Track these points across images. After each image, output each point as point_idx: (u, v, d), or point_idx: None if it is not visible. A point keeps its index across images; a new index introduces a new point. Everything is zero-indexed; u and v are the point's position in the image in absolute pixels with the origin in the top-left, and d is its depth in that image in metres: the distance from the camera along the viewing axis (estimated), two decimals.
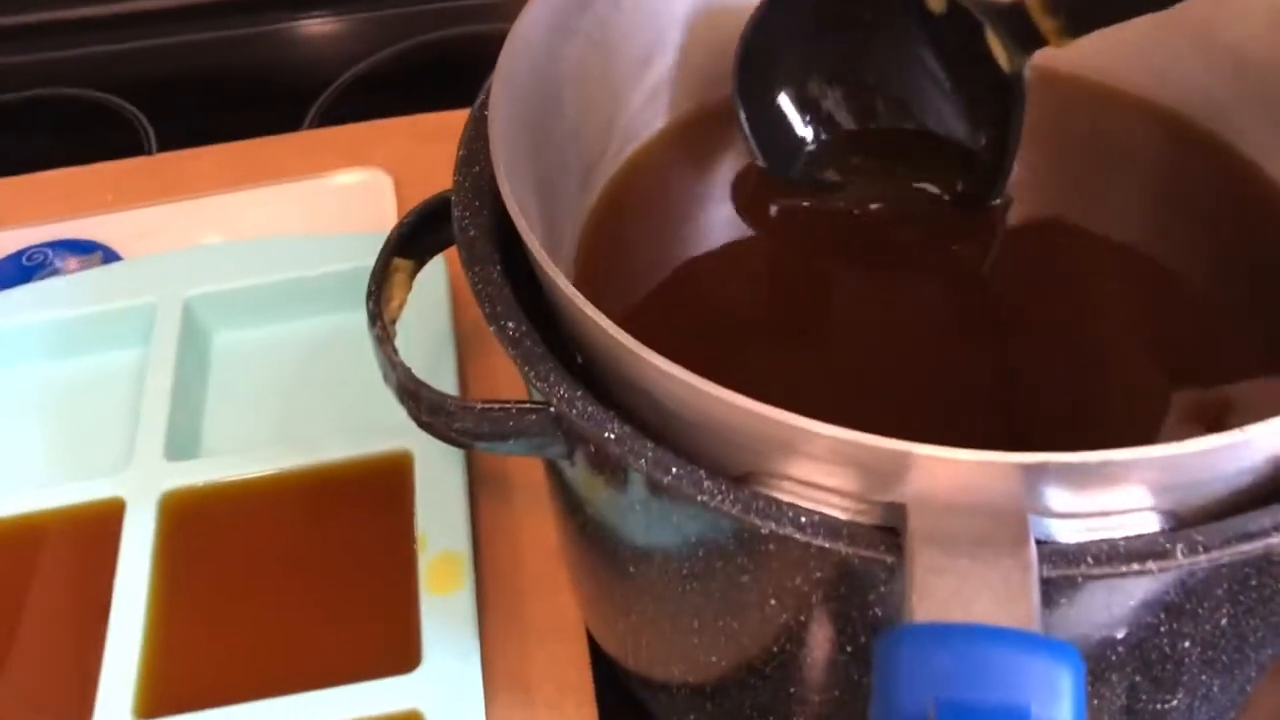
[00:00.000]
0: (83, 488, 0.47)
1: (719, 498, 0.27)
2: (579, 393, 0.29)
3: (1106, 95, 0.42)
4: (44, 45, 0.77)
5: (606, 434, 0.28)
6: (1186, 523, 0.26)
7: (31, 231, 0.63)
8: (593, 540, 0.37)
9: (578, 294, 0.29)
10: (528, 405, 0.32)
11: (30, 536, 0.47)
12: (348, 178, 0.64)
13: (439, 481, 0.46)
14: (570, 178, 0.39)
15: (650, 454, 0.28)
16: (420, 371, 0.49)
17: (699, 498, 0.27)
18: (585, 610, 0.43)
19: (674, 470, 0.28)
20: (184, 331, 0.53)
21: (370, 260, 0.54)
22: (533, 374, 0.30)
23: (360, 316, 0.53)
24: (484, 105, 0.38)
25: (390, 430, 0.48)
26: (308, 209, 0.63)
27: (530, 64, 0.37)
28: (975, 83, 0.38)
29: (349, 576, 0.44)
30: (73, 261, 0.61)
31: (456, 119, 0.65)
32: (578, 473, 0.34)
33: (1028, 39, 0.36)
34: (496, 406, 0.33)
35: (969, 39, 0.37)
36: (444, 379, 0.49)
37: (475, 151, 0.37)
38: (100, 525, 0.46)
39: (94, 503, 0.47)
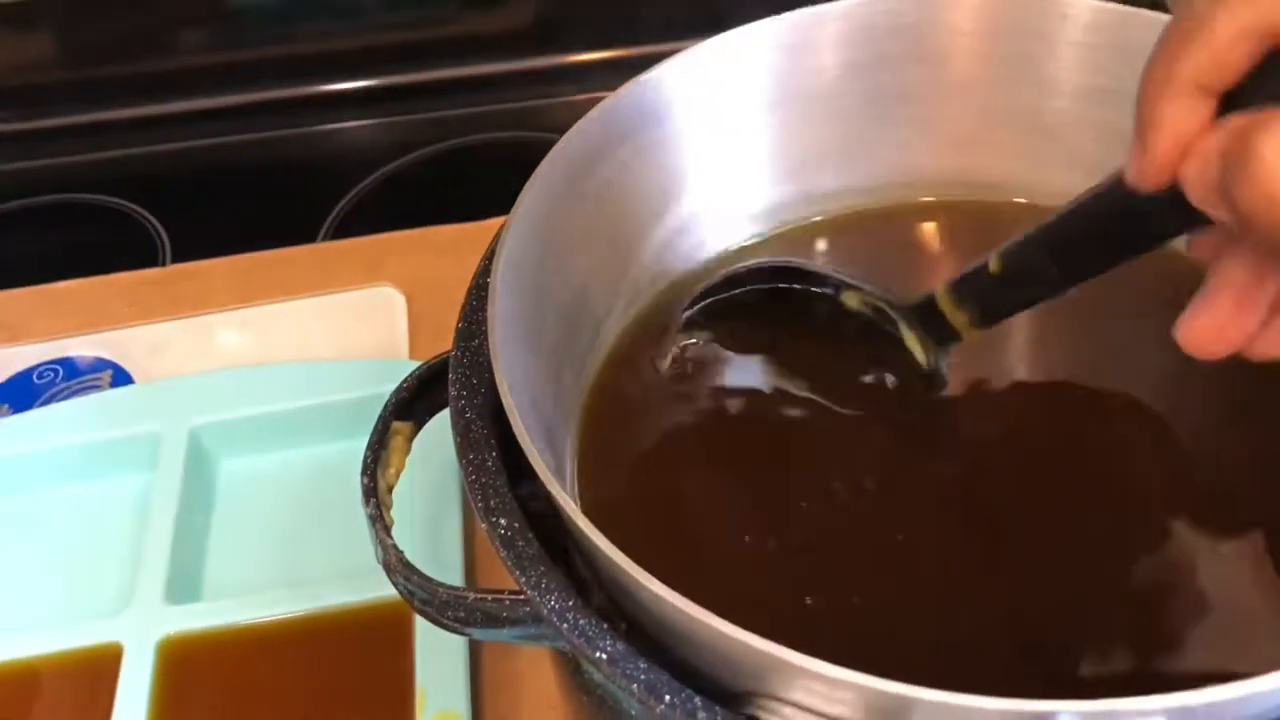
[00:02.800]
0: (81, 632, 0.47)
1: None
2: (570, 603, 0.29)
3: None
4: (56, 150, 0.78)
5: (598, 654, 0.28)
6: None
7: (44, 347, 0.63)
8: None
9: (587, 522, 0.28)
10: (524, 597, 0.32)
11: (27, 682, 0.46)
12: (360, 294, 0.64)
13: (440, 635, 0.45)
14: (576, 344, 0.39)
15: (643, 678, 0.27)
16: (425, 523, 0.49)
17: None
18: None
19: (667, 698, 0.27)
20: (190, 460, 0.52)
21: (378, 387, 0.54)
22: (524, 580, 0.29)
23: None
24: (485, 273, 0.37)
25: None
26: (320, 326, 0.62)
27: (536, 234, 0.37)
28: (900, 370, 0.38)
29: None
30: (83, 381, 0.61)
31: (470, 232, 0.66)
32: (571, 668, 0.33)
33: (941, 334, 0.36)
34: (490, 597, 0.32)
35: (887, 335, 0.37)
36: (448, 531, 0.48)
37: (475, 325, 0.36)
38: (98, 670, 0.46)
39: (92, 648, 0.46)
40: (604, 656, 0.27)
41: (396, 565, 0.34)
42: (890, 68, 0.41)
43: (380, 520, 0.35)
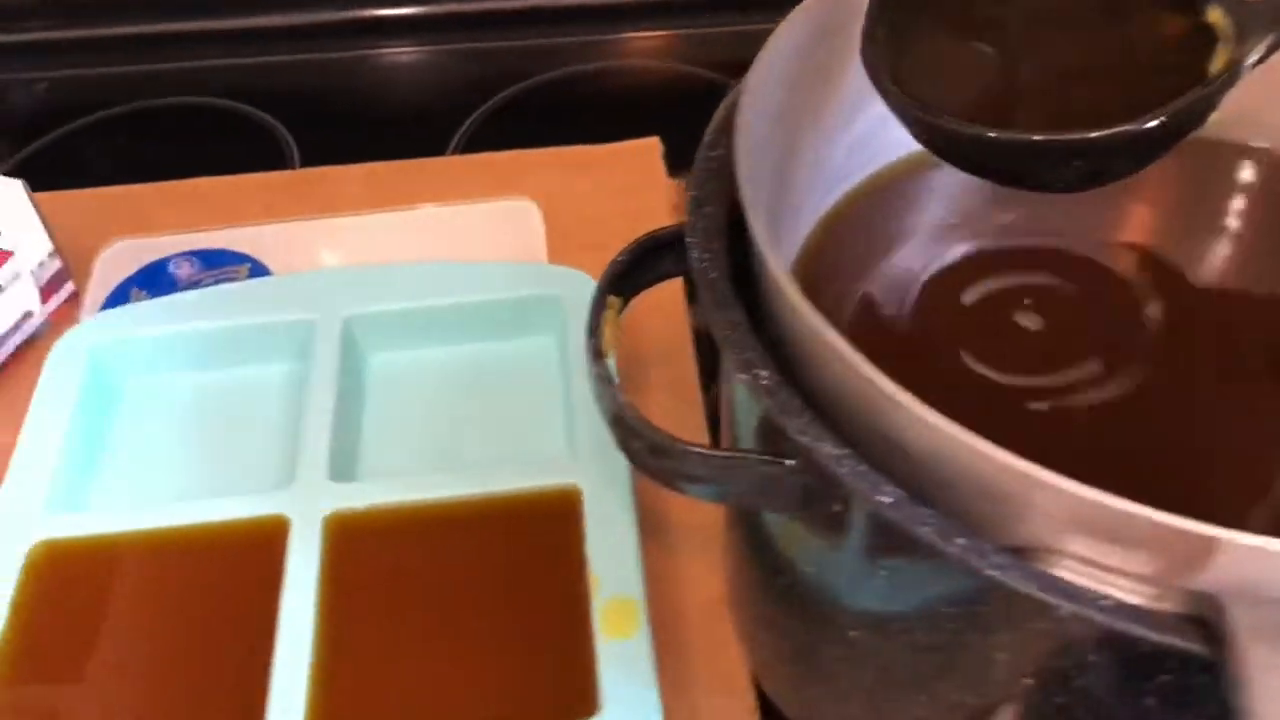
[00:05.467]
0: (245, 503, 0.47)
1: (1010, 573, 0.26)
2: (847, 451, 0.28)
3: None
4: (189, 55, 0.78)
5: (880, 497, 0.28)
6: None
7: (177, 239, 0.63)
8: (801, 601, 0.36)
9: (856, 354, 0.28)
10: (766, 457, 0.32)
11: (192, 548, 0.46)
12: (496, 205, 0.64)
13: (610, 522, 0.45)
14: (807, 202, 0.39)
15: (933, 522, 0.27)
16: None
17: (986, 571, 0.26)
18: (766, 669, 0.42)
19: (960, 541, 0.27)
20: (343, 351, 0.52)
21: (529, 289, 0.54)
22: (795, 428, 0.29)
23: (517, 345, 0.54)
24: (712, 146, 0.37)
25: (557, 464, 0.48)
26: (455, 234, 0.62)
27: (775, 86, 0.36)
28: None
29: (519, 613, 0.44)
30: (220, 272, 0.60)
31: (601, 154, 0.66)
32: (801, 529, 0.33)
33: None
34: (734, 455, 0.32)
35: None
36: None
37: (709, 193, 0.36)
38: (263, 543, 0.46)
39: (257, 519, 0.46)
40: (889, 500, 0.27)
41: (632, 420, 0.34)
42: None
43: (609, 381, 0.35)
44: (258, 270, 0.60)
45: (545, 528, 0.46)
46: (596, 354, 0.36)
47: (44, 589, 0.45)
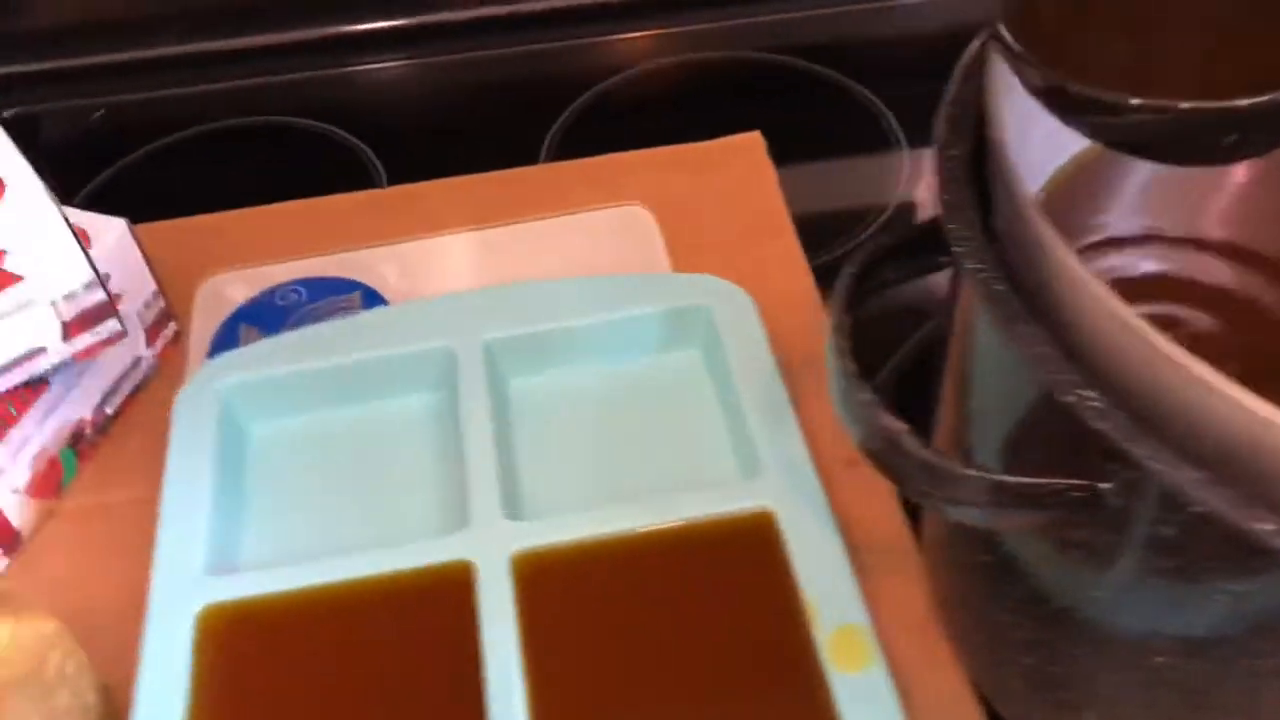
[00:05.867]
0: (421, 550, 0.44)
1: None
2: (1204, 475, 0.26)
3: None
4: (244, 73, 0.74)
5: (1259, 525, 0.26)
6: None
7: (275, 269, 0.60)
8: (1080, 625, 0.34)
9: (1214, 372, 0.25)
10: (1076, 481, 0.30)
11: (371, 600, 0.44)
12: (606, 213, 0.61)
13: (814, 545, 0.43)
14: None
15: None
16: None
17: None
18: (1006, 694, 0.40)
19: None
20: (489, 377, 0.50)
21: (677, 301, 0.52)
22: (1144, 454, 0.27)
23: (662, 360, 0.52)
24: (947, 145, 0.35)
25: (740, 488, 0.46)
26: (569, 246, 0.60)
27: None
28: None
29: (736, 647, 0.42)
30: (331, 302, 0.58)
31: (702, 151, 0.64)
32: (1104, 548, 0.31)
33: None
34: (1035, 482, 0.30)
35: None
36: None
37: (959, 199, 0.33)
38: (448, 589, 0.43)
39: (439, 566, 0.44)
40: (1272, 527, 0.25)
41: (910, 445, 0.31)
42: None
43: (873, 402, 0.33)
44: (371, 297, 0.58)
45: (744, 555, 0.44)
46: (855, 376, 0.34)
47: (223, 657, 0.42)
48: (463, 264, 0.59)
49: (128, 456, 0.53)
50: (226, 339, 0.57)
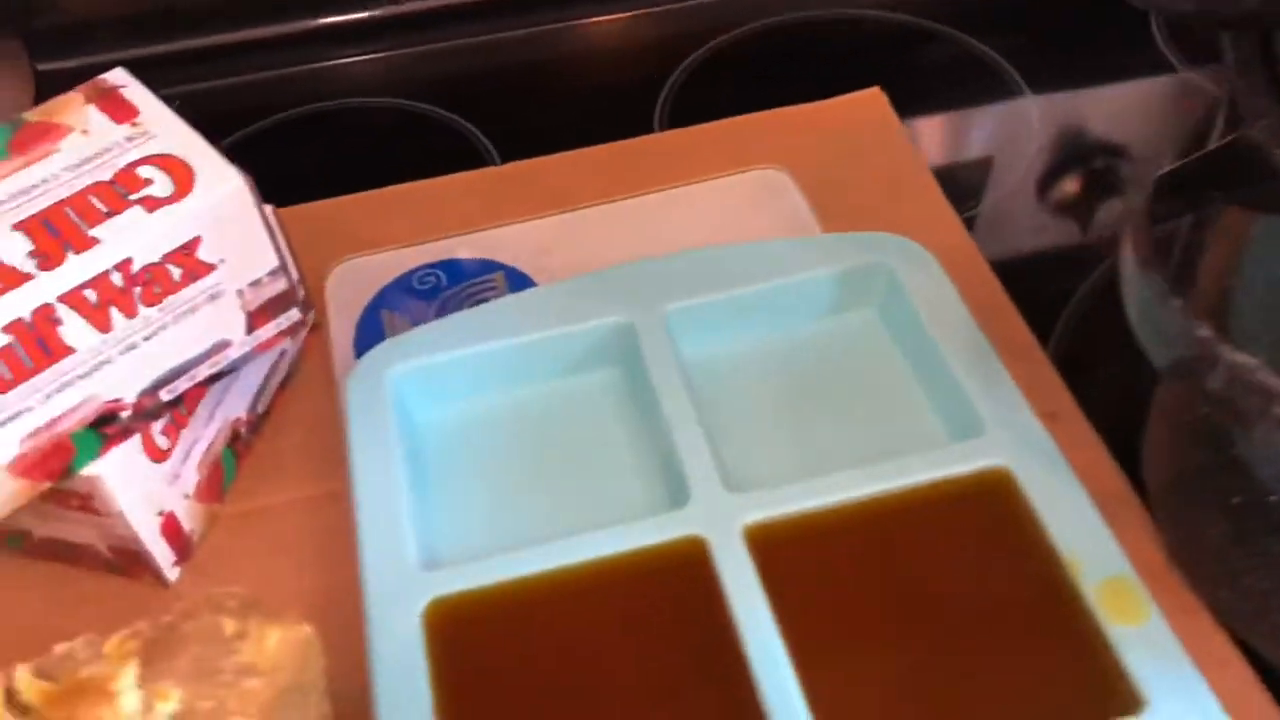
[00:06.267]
0: (646, 528, 0.42)
1: None
2: None
3: None
4: (334, 54, 0.72)
5: None
6: None
7: (407, 253, 0.57)
8: None
9: None
10: None
11: (603, 583, 0.42)
12: (742, 177, 0.60)
13: (1059, 499, 0.42)
14: None
15: None
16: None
17: None
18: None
19: None
20: (674, 349, 0.48)
21: (853, 260, 0.50)
22: None
23: (839, 322, 0.50)
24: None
25: (966, 447, 0.44)
26: (710, 214, 0.58)
27: None
28: None
29: (998, 607, 0.40)
30: (474, 284, 0.55)
31: (825, 110, 0.62)
32: None
33: None
34: None
35: None
36: None
37: None
38: (684, 566, 0.42)
39: (669, 543, 0.42)
40: None
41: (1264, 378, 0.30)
42: None
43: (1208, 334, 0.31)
44: (515, 277, 0.55)
45: (985, 515, 0.42)
46: (1164, 286, 0.32)
47: (459, 651, 0.40)
48: (600, 238, 0.57)
49: (283, 455, 0.50)
50: (369, 327, 0.54)
